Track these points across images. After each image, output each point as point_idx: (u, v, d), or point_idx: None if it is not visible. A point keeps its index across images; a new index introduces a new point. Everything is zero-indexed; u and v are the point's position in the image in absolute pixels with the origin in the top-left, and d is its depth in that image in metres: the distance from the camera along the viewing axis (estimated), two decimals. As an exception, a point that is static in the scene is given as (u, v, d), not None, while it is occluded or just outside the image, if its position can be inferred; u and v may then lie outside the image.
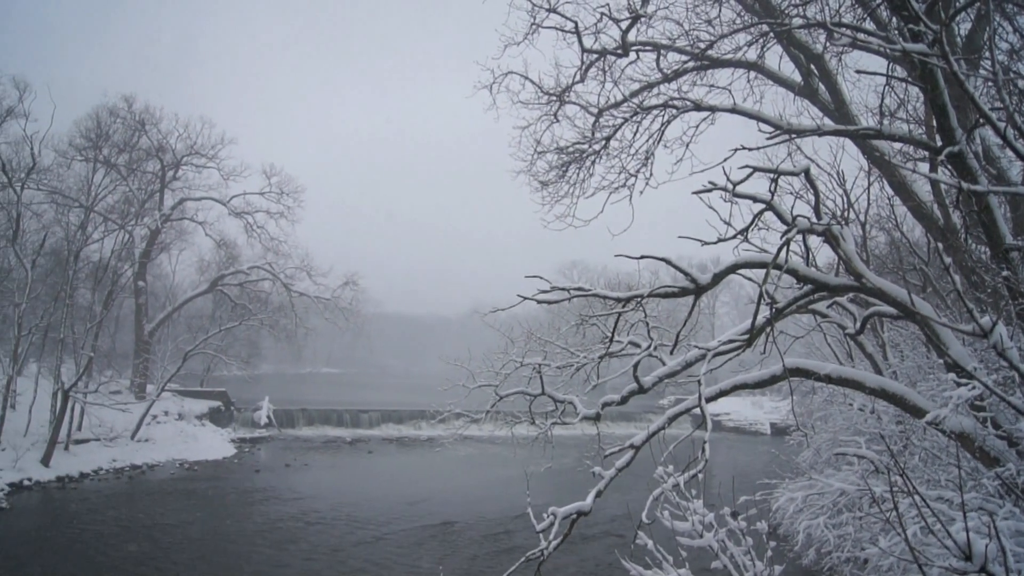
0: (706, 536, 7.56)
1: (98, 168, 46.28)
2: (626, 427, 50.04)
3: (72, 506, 28.14)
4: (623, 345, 10.43)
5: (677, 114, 12.31)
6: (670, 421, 9.18)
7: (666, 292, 8.91)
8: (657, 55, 13.14)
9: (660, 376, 9.80)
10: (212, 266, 57.21)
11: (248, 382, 57.40)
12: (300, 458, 41.37)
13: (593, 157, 13.45)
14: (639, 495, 8.37)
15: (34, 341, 38.38)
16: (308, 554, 22.00)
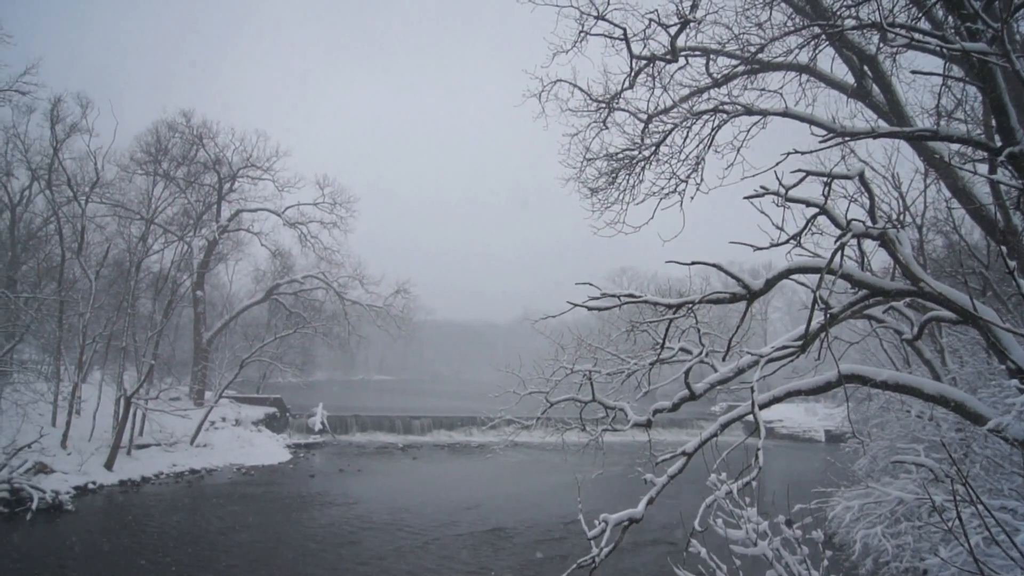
0: (760, 545, 7.46)
1: (158, 181, 47.51)
2: (677, 434, 49.48)
3: (134, 509, 28.84)
4: (674, 351, 10.38)
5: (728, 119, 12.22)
6: (723, 428, 9.11)
7: (718, 298, 8.85)
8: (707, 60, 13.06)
9: (712, 383, 9.74)
10: (267, 275, 58.23)
11: (303, 389, 58.25)
12: (353, 464, 41.77)
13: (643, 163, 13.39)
14: (691, 502, 8.31)
15: (98, 349, 39.45)
16: (361, 558, 22.21)
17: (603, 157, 13.74)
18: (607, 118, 13.56)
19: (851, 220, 7.45)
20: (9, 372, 33.46)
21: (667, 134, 13.03)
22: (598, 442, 11.37)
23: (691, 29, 12.69)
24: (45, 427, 32.16)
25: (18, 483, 26.86)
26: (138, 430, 38.08)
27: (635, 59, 12.84)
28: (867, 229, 7.52)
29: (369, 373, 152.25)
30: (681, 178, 12.89)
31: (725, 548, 7.74)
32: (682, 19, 12.28)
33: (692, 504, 8.22)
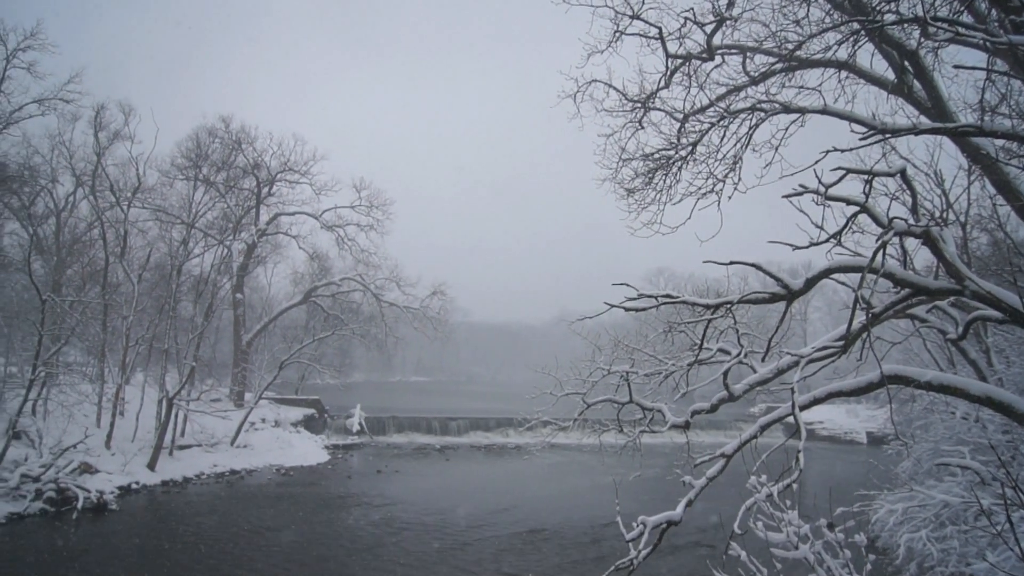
0: (802, 548, 7.35)
1: (198, 186, 48.23)
2: (716, 436, 49.08)
3: (176, 509, 29.28)
4: (712, 352, 10.28)
5: (765, 117, 12.08)
6: (762, 430, 9.00)
7: (757, 298, 8.76)
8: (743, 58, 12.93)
9: (751, 384, 9.63)
10: (306, 278, 58.85)
11: (341, 390, 58.67)
12: (391, 465, 42.00)
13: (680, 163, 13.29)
14: (731, 505, 8.23)
15: (141, 351, 40.15)
16: (399, 559, 22.32)
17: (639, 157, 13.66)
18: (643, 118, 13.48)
19: (893, 218, 7.32)
20: (55, 374, 34.16)
21: (704, 133, 12.91)
22: (635, 444, 11.29)
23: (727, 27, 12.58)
24: (90, 428, 32.76)
25: (64, 483, 27.40)
26: (180, 431, 38.66)
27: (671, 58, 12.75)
28: (909, 227, 7.39)
29: (406, 374, 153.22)
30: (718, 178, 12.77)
31: (765, 551, 7.66)
32: (718, 17, 12.18)
33: (731, 507, 8.14)
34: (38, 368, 30.23)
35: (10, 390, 33.17)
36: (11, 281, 38.72)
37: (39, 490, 26.80)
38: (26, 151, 40.87)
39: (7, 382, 34.00)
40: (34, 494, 26.62)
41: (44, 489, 26.91)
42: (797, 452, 7.12)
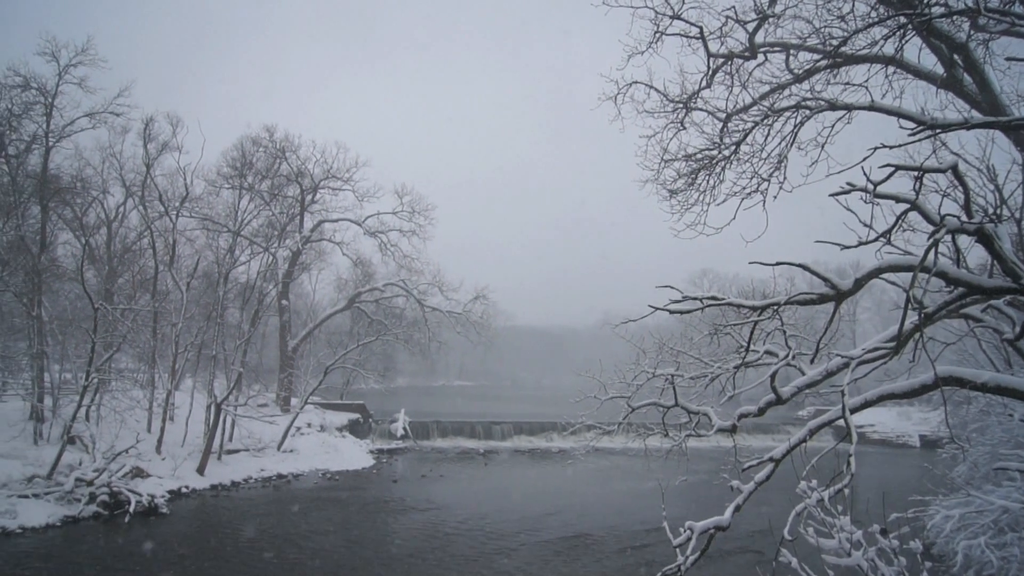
0: (854, 555, 7.19)
1: (244, 195, 48.97)
2: (763, 439, 48.46)
3: (225, 513, 29.69)
4: (759, 355, 10.11)
5: (811, 115, 11.86)
6: (812, 433, 8.81)
7: (804, 299, 8.60)
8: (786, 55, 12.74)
9: (799, 386, 9.46)
10: (349, 284, 59.41)
11: (385, 395, 59.11)
12: (435, 469, 42.15)
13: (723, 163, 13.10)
14: (780, 510, 8.09)
15: (189, 358, 40.81)
16: (444, 564, 22.35)
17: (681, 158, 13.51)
18: (684, 118, 13.34)
19: (945, 215, 7.13)
20: (108, 380, 34.89)
21: (747, 133, 12.72)
22: (681, 448, 11.15)
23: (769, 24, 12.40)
24: (141, 433, 33.37)
25: (117, 487, 27.93)
26: (228, 436, 39.24)
27: (712, 57, 12.61)
28: (962, 224, 7.18)
29: (449, 379, 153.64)
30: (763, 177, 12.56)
31: (816, 558, 7.51)
32: (760, 15, 12.01)
33: (781, 512, 7.99)
34: (91, 374, 30.89)
35: (64, 396, 33.95)
36: (65, 290, 39.63)
37: (93, 494, 27.37)
38: (78, 163, 41.92)
39: (62, 388, 34.81)
40: (88, 498, 27.20)
41: (98, 493, 27.47)
42: (848, 456, 6.95)
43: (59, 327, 35.03)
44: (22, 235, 33.79)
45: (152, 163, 42.78)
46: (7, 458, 28.75)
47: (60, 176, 38.98)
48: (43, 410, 32.78)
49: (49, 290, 36.13)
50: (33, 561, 21.59)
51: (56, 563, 21.59)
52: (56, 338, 34.87)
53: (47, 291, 35.35)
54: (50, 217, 37.56)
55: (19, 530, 24.41)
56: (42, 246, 35.54)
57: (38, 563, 21.43)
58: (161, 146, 43.01)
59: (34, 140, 37.70)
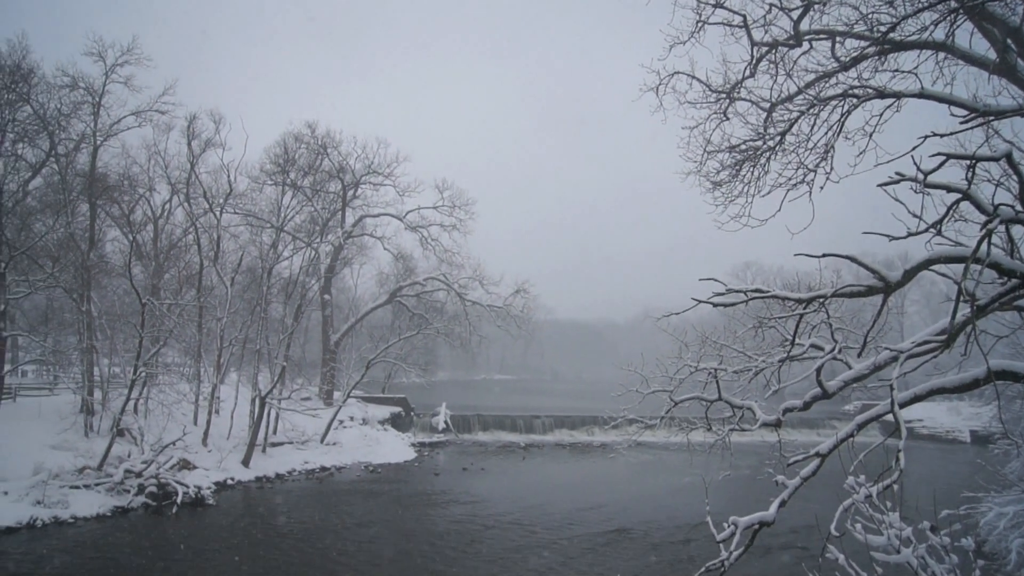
0: (904, 552, 7.03)
1: (286, 191, 49.51)
2: (808, 434, 47.85)
3: (269, 504, 30.09)
4: (804, 348, 9.95)
5: (858, 103, 11.60)
6: (859, 428, 8.66)
7: (851, 291, 8.46)
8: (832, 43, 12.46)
9: (846, 380, 9.29)
10: (390, 278, 59.81)
11: (426, 389, 59.46)
12: (476, 462, 42.28)
13: (768, 154, 12.88)
14: (826, 506, 7.95)
15: (234, 352, 41.46)
16: (486, 557, 22.40)
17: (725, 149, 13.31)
18: (727, 109, 13.14)
19: (998, 205, 6.95)
20: (155, 374, 35.54)
21: (793, 122, 12.48)
22: (725, 442, 11.03)
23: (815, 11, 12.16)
24: (188, 426, 34.05)
25: (164, 478, 28.45)
26: (272, 429, 39.77)
27: (756, 46, 12.41)
28: (1016, 214, 7.00)
29: (490, 373, 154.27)
30: (809, 168, 12.32)
31: (864, 555, 7.36)
32: (805, 2, 11.78)
33: (827, 508, 7.86)
34: (139, 368, 31.53)
35: (113, 390, 34.67)
36: (113, 286, 40.43)
37: (141, 485, 27.92)
38: (125, 162, 42.79)
39: (111, 382, 35.54)
40: (137, 489, 27.76)
41: (146, 484, 28.02)
42: (897, 451, 6.81)
43: (108, 322, 35.76)
44: (72, 232, 34.52)
45: (196, 160, 43.50)
46: (59, 450, 29.47)
47: (108, 174, 39.77)
48: (93, 403, 33.53)
49: (98, 286, 36.86)
50: (85, 550, 22.08)
51: (107, 552, 22.05)
52: (105, 333, 35.60)
53: (96, 287, 36.08)
54: (98, 214, 38.35)
55: (71, 520, 25.00)
56: (91, 243, 36.29)
57: (90, 552, 21.91)
58: (205, 143, 43.69)
59: (82, 139, 38.55)
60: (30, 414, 32.27)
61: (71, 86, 37.10)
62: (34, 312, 41.09)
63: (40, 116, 35.51)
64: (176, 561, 21.32)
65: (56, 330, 38.24)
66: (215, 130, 43.46)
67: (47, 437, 30.37)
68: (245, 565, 21.22)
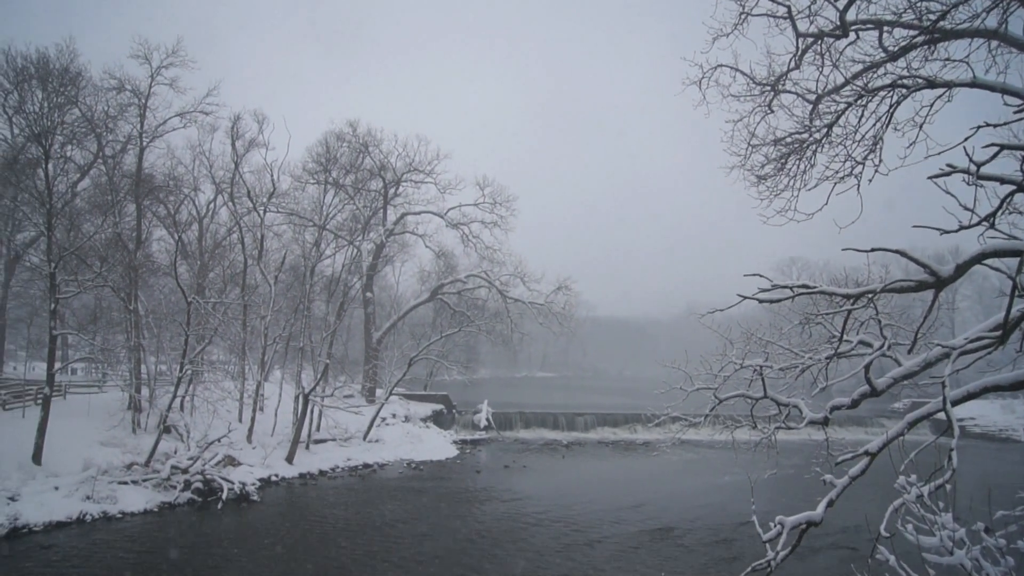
0: (957, 554, 6.85)
1: (328, 189, 49.98)
2: (857, 432, 47.13)
3: (313, 501, 30.39)
4: (852, 345, 9.76)
5: (907, 94, 11.32)
6: (910, 426, 8.46)
7: (901, 287, 8.28)
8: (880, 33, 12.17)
9: (896, 377, 9.10)
10: (432, 276, 60.07)
11: (468, 386, 59.67)
12: (518, 460, 42.31)
13: (814, 146, 12.62)
14: (875, 506, 7.79)
15: (278, 349, 41.98)
16: (528, 554, 22.37)
17: (770, 143, 13.08)
18: (772, 101, 12.89)
19: (1056, 196, 6.72)
20: (201, 372, 36.07)
21: (840, 114, 12.22)
22: (771, 440, 10.86)
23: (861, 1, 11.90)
24: (232, 423, 34.48)
25: (210, 474, 28.88)
26: (315, 426, 40.19)
27: (801, 37, 12.16)
28: (1076, 205, 6.77)
29: (532, 370, 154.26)
30: (857, 160, 12.04)
31: (915, 556, 7.21)
32: (851, -9, 11.52)
33: (876, 508, 7.70)
34: (185, 366, 32.01)
35: (160, 387, 35.34)
36: (159, 285, 41.17)
37: (188, 481, 28.37)
38: (171, 162, 43.58)
39: (158, 379, 36.22)
40: (183, 485, 28.21)
41: (192, 480, 28.47)
42: (950, 450, 6.65)
43: (154, 321, 36.44)
44: (119, 232, 35.18)
45: (240, 160, 44.12)
46: (108, 446, 30.08)
47: (154, 175, 40.55)
48: (140, 400, 34.20)
49: (145, 285, 37.57)
50: (133, 545, 22.49)
51: (154, 547, 22.45)
52: (152, 331, 36.27)
53: (143, 286, 36.78)
54: (145, 215, 39.07)
55: (119, 515, 25.50)
56: (138, 243, 36.98)
57: (138, 547, 22.32)
58: (248, 143, 44.31)
59: (129, 140, 39.25)
60: (80, 411, 33.00)
61: (118, 88, 37.81)
62: (83, 311, 41.97)
63: (88, 118, 36.23)
64: (222, 557, 21.63)
65: (104, 329, 39.02)
66: (258, 130, 44.18)
67: (96, 434, 31.03)
68: (289, 561, 21.45)
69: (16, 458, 26.74)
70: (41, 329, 44.35)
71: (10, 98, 37.53)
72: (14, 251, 40.06)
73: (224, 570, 20.37)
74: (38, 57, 35.46)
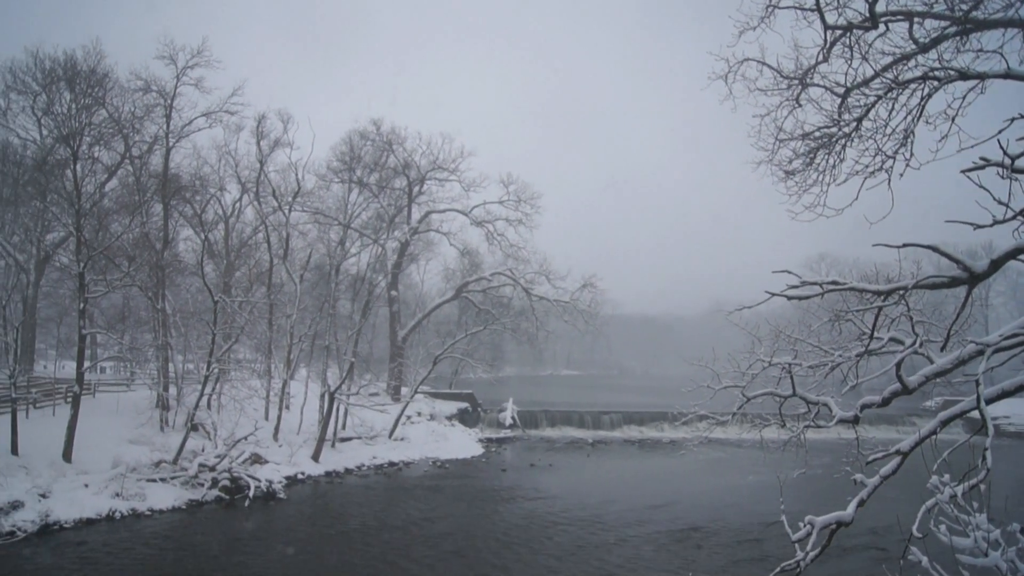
0: (992, 555, 6.70)
1: (352, 188, 50.18)
2: (888, 431, 46.58)
3: (339, 499, 30.53)
4: (883, 342, 9.58)
5: (939, 86, 11.09)
6: (943, 425, 8.27)
7: (933, 283, 8.10)
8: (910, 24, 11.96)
9: (928, 375, 8.91)
10: (457, 274, 60.10)
11: (493, 384, 59.63)
12: (544, 458, 42.23)
13: (843, 141, 12.40)
14: (907, 506, 7.64)
15: (304, 348, 42.19)
16: (555, 553, 22.29)
17: (798, 137, 12.89)
18: (800, 95, 12.71)
19: (1094, 190, 6.55)
20: (227, 370, 36.35)
21: (869, 107, 12.00)
22: (800, 439, 10.69)
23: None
24: (259, 421, 34.68)
25: (237, 472, 29.08)
26: (341, 424, 40.37)
27: (829, 30, 11.96)
28: (1116, 199, 6.58)
29: (557, 368, 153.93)
30: (888, 154, 11.82)
31: (948, 557, 7.05)
32: (881, -18, 11.32)
33: (908, 508, 7.55)
34: (212, 365, 32.25)
35: (187, 386, 35.62)
36: (186, 284, 41.54)
37: (215, 479, 28.59)
38: (196, 162, 43.99)
39: (185, 378, 36.52)
40: (211, 482, 28.43)
41: (219, 478, 28.68)
42: (984, 449, 6.49)
43: (182, 319, 36.74)
44: (146, 232, 35.52)
45: (265, 160, 44.42)
46: (136, 444, 30.39)
47: (180, 175, 40.91)
48: (168, 399, 34.53)
49: (172, 284, 37.92)
50: (161, 541, 22.69)
51: (183, 544, 22.63)
52: (179, 330, 36.58)
53: (170, 285, 37.13)
54: (171, 214, 39.43)
55: (148, 512, 25.73)
56: (165, 242, 37.32)
57: (166, 544, 22.51)
58: (273, 143, 44.59)
59: (155, 141, 39.64)
60: (108, 409, 33.38)
61: (144, 89, 38.17)
62: (112, 310, 42.50)
63: (115, 119, 36.62)
64: (249, 554, 21.75)
65: (132, 328, 39.48)
66: (283, 129, 44.43)
67: (125, 432, 31.36)
68: (316, 558, 21.54)
69: (47, 456, 27.08)
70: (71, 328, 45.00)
71: (39, 100, 38.10)
72: (44, 251, 40.59)
73: (252, 567, 20.48)
74: (66, 59, 35.95)
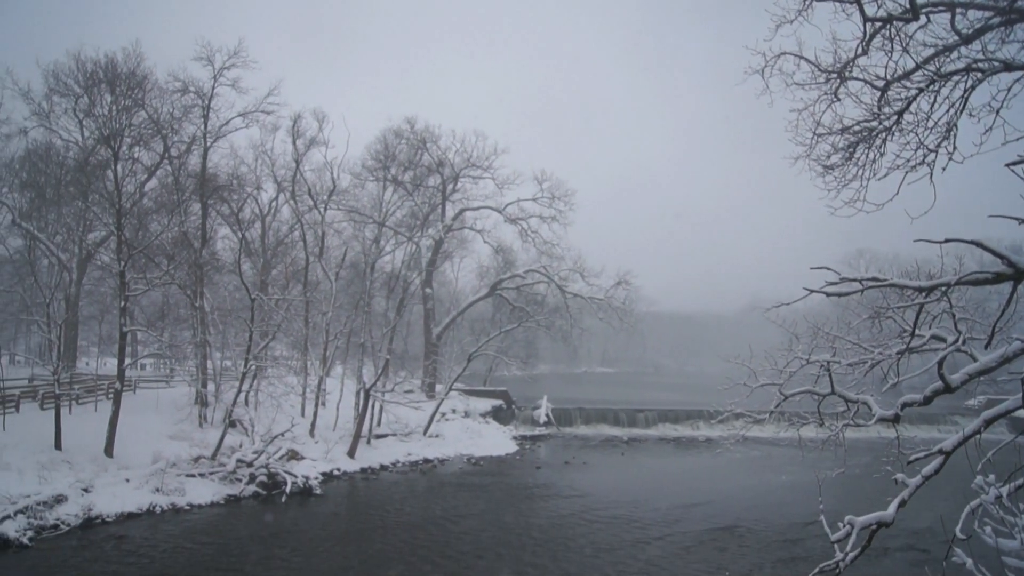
0: (1039, 558, 6.54)
1: (387, 186, 50.45)
2: (929, 431, 45.85)
3: (374, 495, 30.72)
4: (925, 339, 9.39)
5: (983, 78, 10.84)
6: (987, 424, 8.09)
7: (977, 279, 7.92)
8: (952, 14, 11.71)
9: (971, 373, 8.72)
10: (491, 271, 60.09)
11: (527, 382, 59.57)
12: (578, 456, 42.13)
13: (884, 134, 12.15)
14: (950, 507, 7.51)
15: (339, 345, 42.52)
16: (591, 551, 22.22)
17: (837, 131, 12.67)
18: (838, 88, 12.50)
19: None
20: (264, 367, 36.73)
21: (910, 100, 11.75)
22: (839, 438, 10.53)
23: (933, -18, 11.44)
24: (295, 417, 35.06)
25: (274, 468, 29.39)
26: (376, 421, 40.63)
27: (869, 22, 11.74)
28: None
29: (591, 365, 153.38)
30: (929, 148, 11.57)
31: (994, 559, 6.91)
32: (922, -27, 11.09)
33: (951, 509, 7.42)
34: (249, 362, 32.61)
35: (226, 382, 36.05)
36: (224, 282, 42.02)
37: (252, 474, 28.91)
38: (233, 162, 44.45)
39: (223, 375, 36.96)
40: (248, 478, 28.77)
41: (257, 474, 29.00)
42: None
43: (220, 317, 37.20)
44: (185, 231, 35.99)
45: (301, 159, 44.71)
46: (176, 440, 30.82)
47: (217, 174, 41.36)
48: (207, 395, 34.95)
49: (210, 282, 38.39)
50: (201, 536, 22.98)
51: (221, 538, 22.90)
52: (217, 327, 37.04)
53: (208, 283, 37.58)
54: (209, 213, 39.89)
55: (187, 507, 26.09)
56: (203, 241, 37.78)
57: (205, 538, 22.80)
58: (309, 142, 44.88)
59: (193, 141, 40.13)
60: (149, 406, 33.90)
61: (182, 90, 38.61)
62: (151, 308, 43.16)
63: (154, 120, 37.16)
64: (287, 548, 21.96)
65: (172, 325, 40.03)
66: (318, 128, 44.71)
67: (165, 427, 31.84)
68: (352, 553, 21.70)
69: (89, 451, 27.58)
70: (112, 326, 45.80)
71: (80, 102, 38.75)
72: (86, 250, 41.34)
73: (290, 561, 20.67)
74: (106, 62, 36.51)
